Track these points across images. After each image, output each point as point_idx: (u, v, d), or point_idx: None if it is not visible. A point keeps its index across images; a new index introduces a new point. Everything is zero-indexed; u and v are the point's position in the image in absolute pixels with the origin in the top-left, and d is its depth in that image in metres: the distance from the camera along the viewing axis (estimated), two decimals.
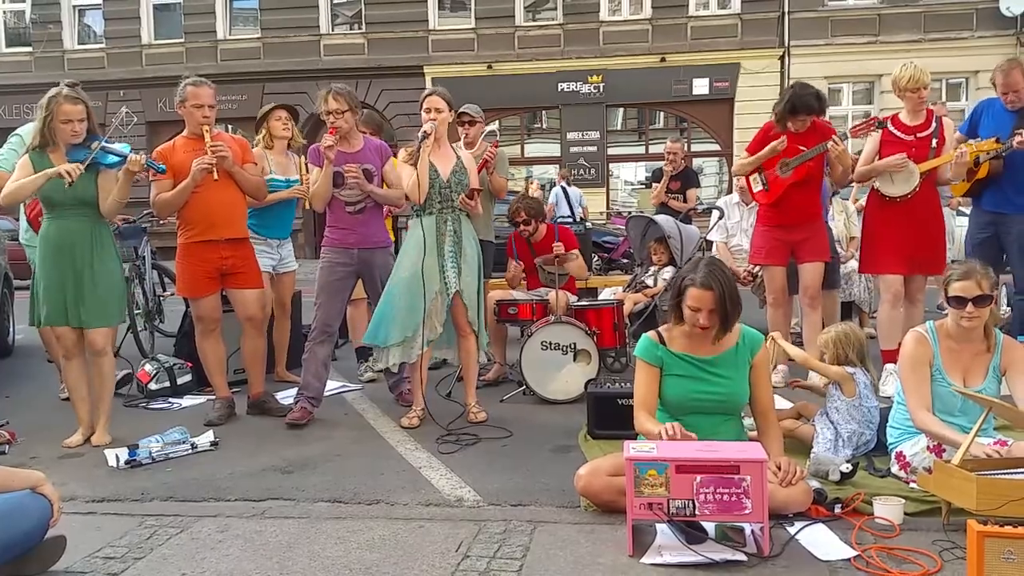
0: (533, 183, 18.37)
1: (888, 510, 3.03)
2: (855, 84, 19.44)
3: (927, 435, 3.33)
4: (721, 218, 7.05)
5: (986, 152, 4.96)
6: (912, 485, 3.31)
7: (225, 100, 5.23)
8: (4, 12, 22.44)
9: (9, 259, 7.75)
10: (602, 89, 19.76)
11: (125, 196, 4.40)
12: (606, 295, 6.90)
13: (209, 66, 19.21)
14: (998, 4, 18.00)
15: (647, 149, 20.56)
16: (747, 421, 3.50)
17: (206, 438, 4.34)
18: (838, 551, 2.79)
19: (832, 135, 4.94)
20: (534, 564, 2.77)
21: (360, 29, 20.84)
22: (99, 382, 4.49)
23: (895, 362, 4.30)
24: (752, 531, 2.87)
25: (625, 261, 13.35)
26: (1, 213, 9.51)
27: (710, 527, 2.87)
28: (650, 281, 6.60)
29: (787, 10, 19.04)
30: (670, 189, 8.27)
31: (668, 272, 6.46)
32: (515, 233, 6.08)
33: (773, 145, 5.02)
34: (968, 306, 3.30)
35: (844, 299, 6.65)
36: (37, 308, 4.44)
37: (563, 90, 19.84)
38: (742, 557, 2.73)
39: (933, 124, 4.99)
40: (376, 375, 5.81)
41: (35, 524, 2.73)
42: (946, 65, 17.26)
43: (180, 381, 5.54)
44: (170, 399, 5.41)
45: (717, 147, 20.07)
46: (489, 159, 5.53)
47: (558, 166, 19.27)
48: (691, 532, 2.78)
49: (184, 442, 4.21)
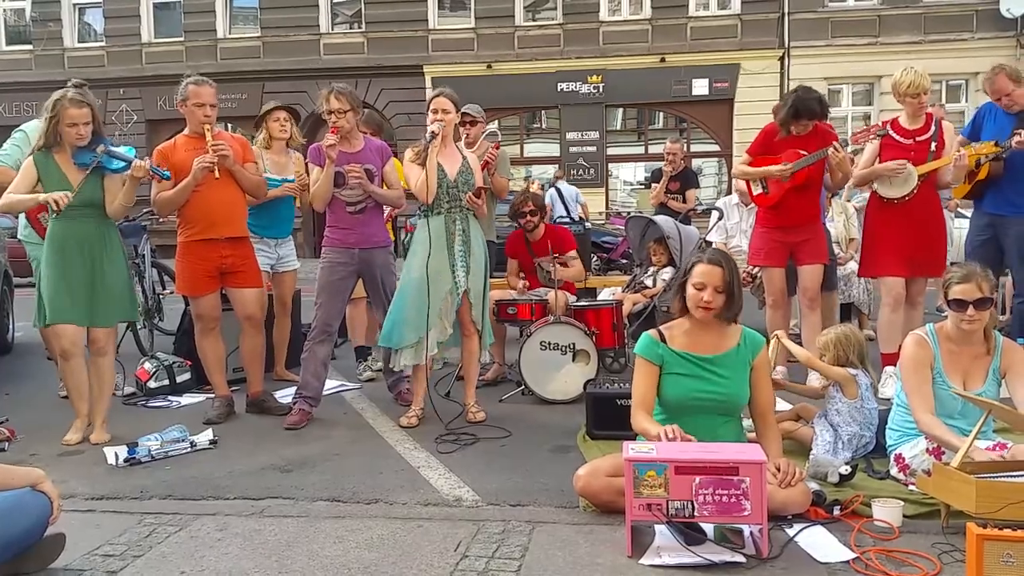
0: (533, 183, 18.36)
1: (887, 512, 3.02)
2: (855, 85, 19.45)
3: (930, 438, 3.33)
4: (720, 219, 7.07)
5: (986, 155, 4.98)
6: (911, 487, 3.31)
7: (225, 99, 5.23)
8: (4, 10, 22.42)
9: (9, 256, 7.74)
10: (602, 89, 19.76)
11: (131, 201, 4.44)
12: (605, 295, 6.90)
13: (209, 65, 19.19)
14: (998, 5, 18.01)
15: (646, 149, 20.56)
16: (746, 423, 3.50)
17: (205, 436, 4.34)
18: (837, 553, 2.79)
19: (833, 140, 4.94)
20: (532, 564, 2.78)
21: (360, 28, 20.84)
22: (98, 381, 4.49)
23: (895, 365, 4.32)
24: (751, 533, 2.87)
25: (624, 261, 13.34)
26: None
27: (709, 528, 2.86)
28: (649, 282, 6.59)
29: (787, 11, 19.05)
30: (669, 190, 8.27)
31: (667, 273, 6.45)
32: (513, 234, 6.09)
33: (781, 173, 4.99)
34: (969, 309, 3.30)
35: (843, 301, 6.65)
36: (43, 308, 4.42)
37: (563, 90, 19.84)
38: (741, 559, 2.73)
39: (932, 127, 5.00)
40: (375, 374, 5.81)
41: (34, 521, 2.73)
42: (946, 67, 17.28)
43: (179, 379, 5.55)
44: (169, 397, 5.42)
45: (717, 148, 20.07)
46: (490, 159, 5.53)
47: (558, 166, 19.27)
48: (690, 533, 2.78)
49: (183, 440, 4.22)
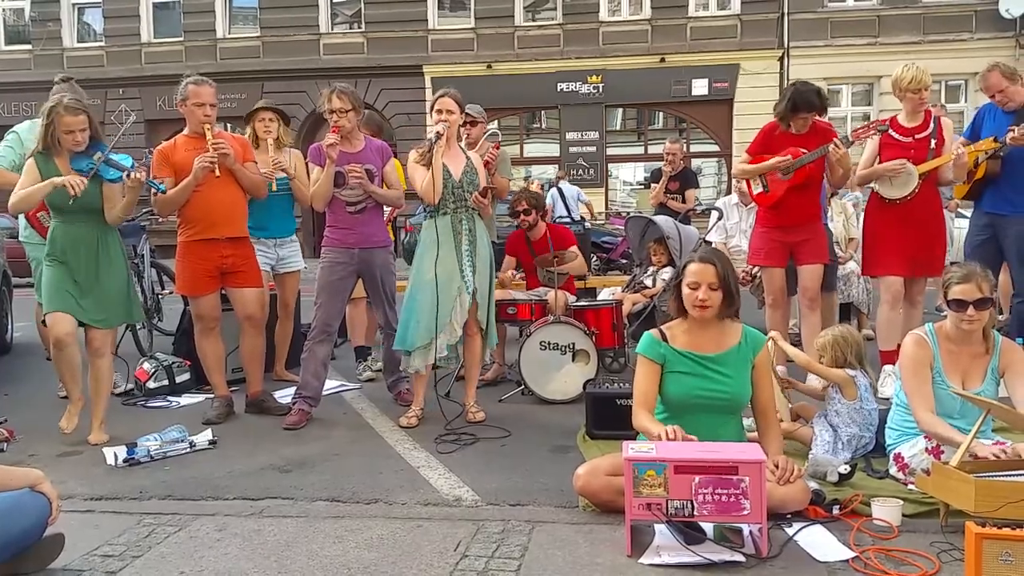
0: (533, 183, 18.37)
1: (886, 511, 3.02)
2: (854, 85, 19.47)
3: (932, 437, 3.33)
4: (720, 219, 7.08)
5: (984, 152, 4.98)
6: (910, 487, 3.31)
7: (224, 99, 5.22)
8: (4, 9, 22.43)
9: (8, 257, 7.73)
10: (601, 89, 19.77)
11: (130, 212, 4.46)
12: (605, 295, 6.91)
13: (208, 64, 19.21)
14: (997, 6, 18.04)
15: (646, 149, 20.58)
16: (747, 421, 3.50)
17: (204, 437, 4.33)
18: (836, 552, 2.79)
19: (833, 137, 4.94)
20: (532, 564, 2.77)
21: (359, 28, 20.86)
22: (96, 382, 4.49)
23: (893, 363, 4.31)
24: (750, 532, 2.87)
25: (624, 261, 13.35)
26: (1, 211, 9.51)
27: (708, 528, 2.87)
28: (649, 281, 6.60)
29: (786, 11, 19.07)
30: (669, 190, 8.27)
31: (667, 272, 6.45)
32: (513, 233, 6.09)
33: (782, 164, 4.98)
34: (969, 309, 3.30)
35: (843, 300, 6.64)
36: (44, 297, 4.43)
37: (562, 90, 19.86)
38: (740, 558, 2.73)
39: (931, 125, 5.00)
40: (375, 374, 5.81)
41: (33, 522, 2.73)
42: (945, 67, 17.28)
43: (178, 379, 5.55)
44: (168, 397, 5.41)
45: (716, 148, 20.08)
46: (491, 160, 5.53)
47: (558, 166, 19.27)
48: (689, 533, 2.78)
49: (182, 440, 4.22)
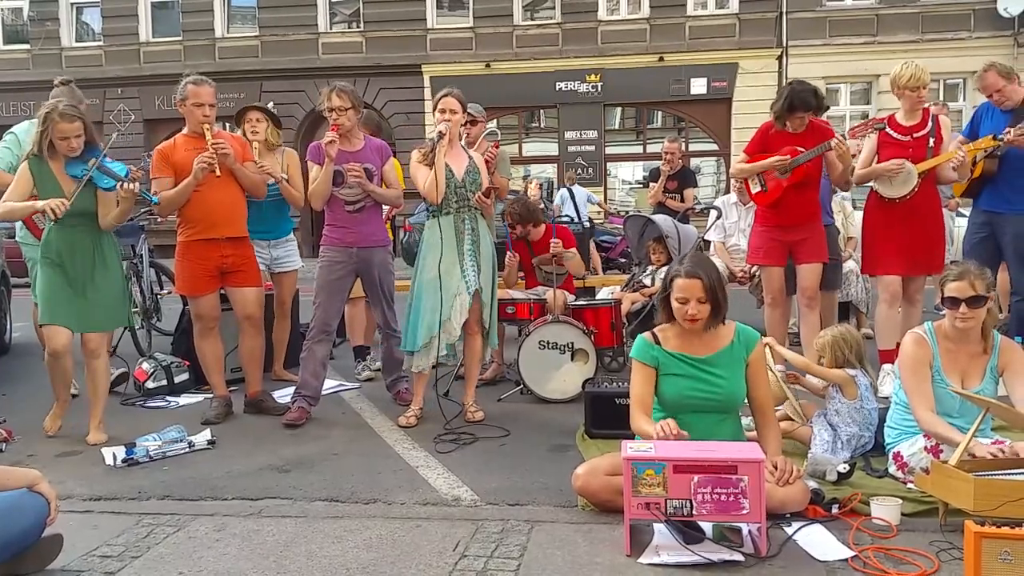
0: (532, 182, 18.36)
1: (885, 510, 3.03)
2: (853, 84, 19.46)
3: (932, 436, 3.33)
4: (719, 218, 7.07)
5: (983, 150, 4.98)
6: (909, 486, 3.32)
7: (223, 98, 5.20)
8: (2, 9, 22.40)
9: (7, 257, 7.72)
10: (600, 88, 19.75)
11: (123, 219, 4.48)
12: (604, 294, 6.90)
13: (207, 64, 19.16)
14: (996, 5, 18.02)
15: (645, 148, 20.56)
16: (746, 420, 3.50)
17: (203, 437, 4.33)
18: (835, 551, 2.79)
19: (831, 136, 4.94)
20: (531, 563, 2.77)
21: (358, 28, 20.83)
22: (92, 382, 4.49)
23: (892, 362, 4.31)
24: (749, 531, 2.87)
25: (623, 260, 13.36)
26: None
27: (707, 527, 2.87)
28: (648, 280, 6.59)
29: (785, 10, 19.05)
30: (667, 189, 8.26)
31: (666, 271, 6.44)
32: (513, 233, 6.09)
33: (779, 164, 4.98)
34: (962, 307, 3.32)
35: (841, 299, 6.64)
36: (40, 306, 4.42)
37: (561, 89, 19.83)
38: (739, 557, 2.73)
39: (929, 124, 5.00)
40: (374, 374, 5.81)
41: (32, 522, 2.73)
42: (944, 66, 17.27)
43: (177, 379, 5.54)
44: (167, 397, 5.41)
45: (715, 147, 20.07)
46: (490, 159, 5.53)
47: (556, 165, 19.23)
48: (688, 532, 2.79)
49: (181, 441, 4.21)
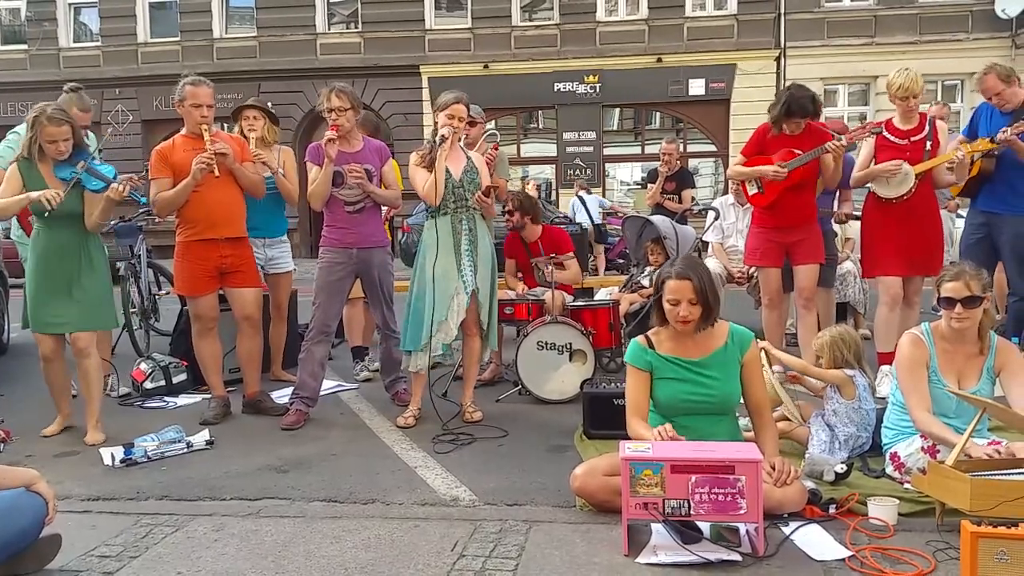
0: (530, 183, 18.36)
1: (882, 511, 3.03)
2: (851, 85, 19.46)
3: (928, 437, 3.34)
4: (717, 219, 7.08)
5: (981, 151, 5.00)
6: (906, 486, 3.32)
7: (221, 99, 5.19)
8: (0, 9, 22.37)
9: (5, 257, 7.71)
10: (598, 89, 19.76)
11: (107, 219, 4.51)
12: (602, 295, 6.91)
13: (205, 64, 19.14)
14: (993, 6, 18.05)
15: (643, 149, 20.57)
16: (743, 421, 3.50)
17: (202, 437, 4.34)
18: (833, 551, 2.80)
19: (828, 139, 4.94)
20: (529, 564, 2.78)
21: (356, 28, 20.83)
22: (85, 383, 4.50)
23: (891, 364, 4.32)
24: (747, 531, 2.88)
25: (621, 261, 13.36)
26: None
27: (705, 527, 2.88)
28: (646, 281, 6.59)
29: (783, 11, 19.07)
30: (665, 190, 8.26)
31: None
32: (509, 235, 6.10)
33: (775, 175, 4.98)
34: (958, 307, 3.33)
35: (839, 300, 6.65)
36: (28, 311, 4.49)
37: (559, 90, 19.84)
38: (737, 557, 2.74)
39: (926, 127, 5.01)
40: (372, 374, 5.81)
41: (30, 522, 2.73)
42: (941, 67, 17.32)
43: (176, 380, 5.54)
44: (165, 398, 5.42)
45: (713, 148, 20.08)
46: (489, 160, 5.54)
47: (555, 165, 19.22)
48: (686, 532, 2.79)
49: (180, 441, 4.22)
